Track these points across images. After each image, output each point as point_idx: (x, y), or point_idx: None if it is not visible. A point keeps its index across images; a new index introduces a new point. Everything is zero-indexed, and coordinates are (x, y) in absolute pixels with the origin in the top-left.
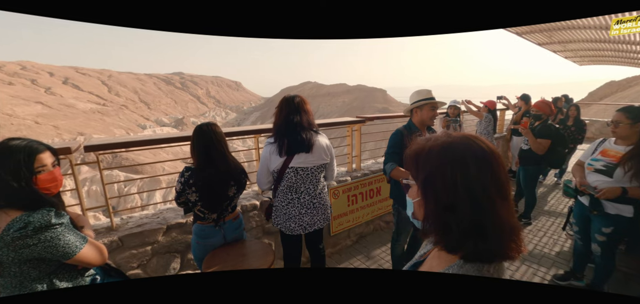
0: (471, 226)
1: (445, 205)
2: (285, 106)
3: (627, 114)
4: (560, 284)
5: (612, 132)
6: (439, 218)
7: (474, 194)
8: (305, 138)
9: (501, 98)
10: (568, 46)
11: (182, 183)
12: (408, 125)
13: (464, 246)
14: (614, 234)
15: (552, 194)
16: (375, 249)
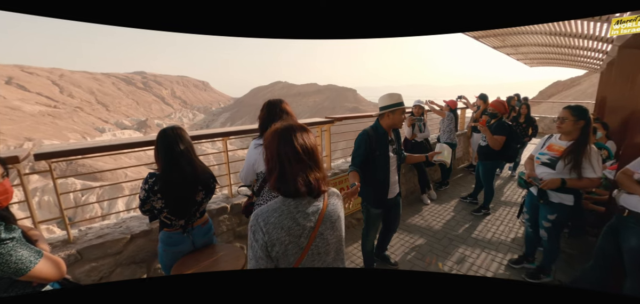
0: (280, 175)
1: (271, 165)
2: (270, 109)
3: (572, 111)
4: (515, 268)
5: (558, 127)
6: (270, 172)
7: (281, 158)
8: None
9: (461, 98)
10: (519, 49)
11: (146, 190)
12: (375, 126)
13: (279, 188)
14: (558, 221)
15: (507, 186)
16: (347, 246)
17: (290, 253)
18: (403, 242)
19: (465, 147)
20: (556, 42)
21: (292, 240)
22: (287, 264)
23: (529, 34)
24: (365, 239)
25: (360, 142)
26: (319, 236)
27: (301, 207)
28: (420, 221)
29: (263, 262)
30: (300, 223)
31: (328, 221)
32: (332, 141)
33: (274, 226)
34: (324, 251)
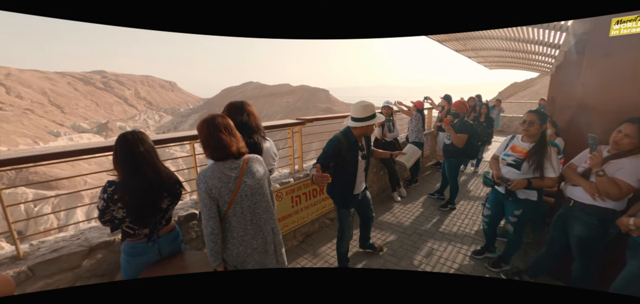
0: (211, 148)
1: (204, 143)
2: (232, 112)
3: (538, 116)
4: (478, 258)
5: (526, 130)
6: (205, 148)
7: (209, 136)
8: (256, 142)
9: (427, 98)
10: (479, 53)
11: (105, 199)
12: (346, 132)
13: (212, 156)
14: (524, 215)
15: (471, 181)
16: (321, 247)
17: (224, 194)
18: (375, 239)
19: (432, 145)
20: (513, 46)
21: (223, 186)
22: (224, 203)
23: (488, 39)
24: (340, 241)
25: (331, 145)
26: (243, 184)
27: (226, 165)
28: (392, 218)
29: (208, 201)
30: (226, 174)
31: (249, 173)
32: (305, 142)
33: (211, 177)
34: (250, 194)
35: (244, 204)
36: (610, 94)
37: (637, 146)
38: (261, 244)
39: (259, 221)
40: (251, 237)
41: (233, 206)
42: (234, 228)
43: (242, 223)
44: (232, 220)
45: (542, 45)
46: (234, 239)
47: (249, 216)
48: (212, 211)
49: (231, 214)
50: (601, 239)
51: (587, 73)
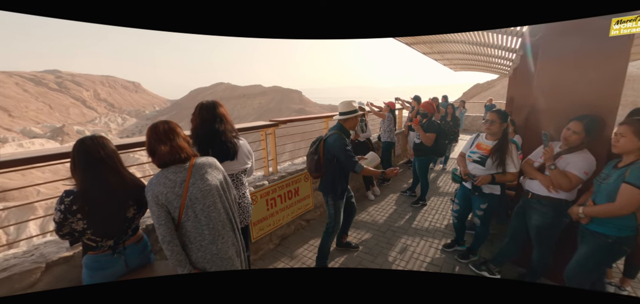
0: (156, 157)
1: (149, 152)
2: (204, 113)
3: (498, 115)
4: (448, 251)
5: (487, 129)
6: (151, 156)
7: (153, 146)
8: (230, 146)
9: (398, 99)
10: (445, 56)
11: (63, 211)
12: (344, 131)
13: (158, 164)
14: (489, 208)
15: (440, 178)
16: (298, 248)
17: (172, 200)
18: (350, 238)
19: (403, 144)
20: (475, 50)
21: (169, 191)
22: (174, 209)
23: (453, 43)
24: (331, 234)
25: (343, 143)
26: (192, 187)
27: (171, 170)
28: (366, 217)
29: (155, 209)
30: (171, 179)
31: (197, 176)
32: (279, 144)
33: (155, 184)
34: (201, 197)
35: (196, 208)
36: (559, 94)
37: (584, 142)
38: (222, 249)
39: (216, 225)
40: (209, 242)
41: (184, 210)
42: (190, 233)
43: (197, 228)
44: (187, 226)
45: (501, 50)
46: (191, 245)
47: (204, 220)
48: (161, 218)
49: (185, 220)
50: (556, 227)
51: (539, 75)
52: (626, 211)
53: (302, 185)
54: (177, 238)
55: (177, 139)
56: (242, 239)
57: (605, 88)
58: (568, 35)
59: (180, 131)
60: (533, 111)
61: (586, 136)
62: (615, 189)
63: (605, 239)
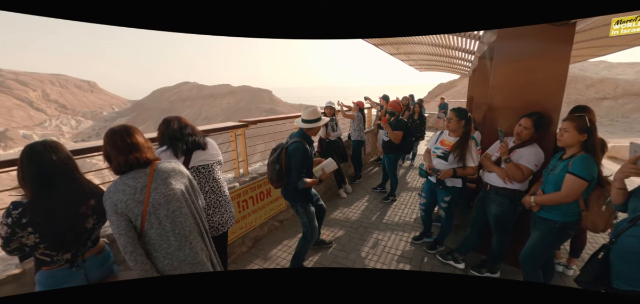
0: (113, 163)
1: (106, 159)
2: (169, 123)
3: (456, 113)
4: (417, 243)
5: (446, 126)
6: (108, 163)
7: (109, 153)
8: (198, 138)
9: (367, 98)
10: (411, 56)
11: (10, 224)
12: (306, 138)
13: (115, 171)
14: (452, 200)
15: (408, 174)
16: (272, 250)
17: (132, 207)
18: (325, 236)
19: (373, 142)
20: (439, 52)
21: (129, 198)
22: (135, 216)
23: (418, 44)
24: (308, 241)
25: (304, 157)
26: (154, 192)
27: (130, 176)
28: (339, 215)
29: (115, 219)
30: (130, 185)
31: (159, 180)
32: (249, 144)
33: (114, 192)
34: (164, 202)
35: (159, 214)
36: (512, 93)
37: (533, 136)
38: (190, 255)
39: (182, 230)
40: (176, 249)
41: (147, 217)
42: (155, 241)
43: (162, 235)
44: (151, 233)
45: (462, 51)
46: (157, 254)
47: (169, 226)
48: (121, 228)
49: (148, 228)
50: (512, 215)
51: (494, 76)
52: (570, 199)
53: None
54: (140, 247)
55: (136, 142)
56: (213, 244)
57: (550, 88)
58: (518, 39)
59: (140, 134)
60: (490, 109)
61: (535, 131)
62: (561, 179)
63: (554, 225)
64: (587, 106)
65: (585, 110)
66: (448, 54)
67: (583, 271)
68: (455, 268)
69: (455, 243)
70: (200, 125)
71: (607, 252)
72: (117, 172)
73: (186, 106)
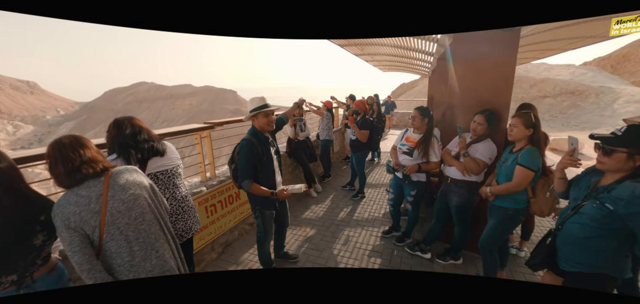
0: (59, 177)
1: (52, 174)
2: (120, 126)
3: (419, 111)
4: (387, 237)
5: (411, 124)
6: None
7: (57, 160)
8: (155, 143)
9: (333, 98)
10: (375, 57)
11: None
12: (253, 132)
13: (62, 185)
14: (417, 195)
15: (375, 171)
16: (243, 254)
17: (88, 218)
18: (297, 237)
19: (341, 141)
20: (401, 53)
21: (83, 209)
22: (92, 228)
23: (381, 46)
24: (262, 244)
25: (247, 154)
26: (111, 199)
27: (83, 187)
28: (310, 214)
29: (67, 235)
30: (84, 195)
31: (116, 187)
32: (215, 147)
33: (64, 205)
34: (125, 209)
35: (120, 223)
36: (466, 92)
37: (487, 132)
38: (158, 264)
39: (147, 238)
40: (141, 259)
41: (106, 228)
42: (116, 254)
43: (124, 246)
44: (111, 246)
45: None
46: (120, 268)
47: (132, 235)
48: (74, 244)
49: (108, 240)
50: (471, 205)
51: (451, 76)
52: (521, 188)
53: None
54: (98, 263)
55: (87, 151)
56: (181, 251)
57: (500, 87)
58: (471, 42)
59: (90, 142)
60: (448, 107)
61: (488, 126)
62: (512, 170)
63: (506, 212)
64: (531, 103)
65: (530, 107)
66: (409, 56)
67: (533, 254)
68: (422, 258)
69: (421, 234)
70: (160, 128)
71: (554, 237)
72: (66, 186)
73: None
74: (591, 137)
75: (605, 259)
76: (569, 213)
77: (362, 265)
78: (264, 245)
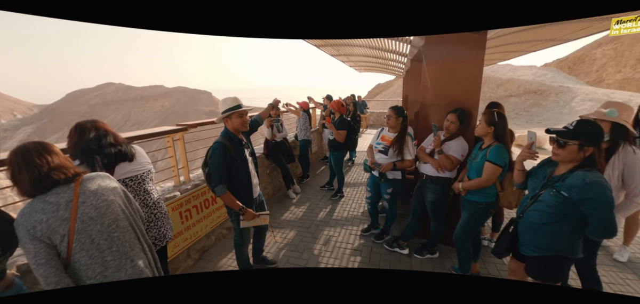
0: (28, 179)
1: (14, 182)
2: (81, 127)
3: (394, 110)
4: (366, 235)
5: (387, 123)
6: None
7: (22, 168)
8: (123, 147)
9: (310, 99)
10: (351, 58)
11: None
12: (226, 134)
13: (29, 192)
14: (394, 192)
15: (352, 170)
16: (221, 259)
17: (55, 226)
18: (276, 238)
19: (319, 142)
20: (376, 54)
21: (51, 216)
22: (60, 237)
23: (357, 46)
24: (239, 248)
25: (220, 157)
26: (82, 205)
27: (52, 193)
28: (290, 216)
29: (31, 247)
30: (52, 201)
31: (87, 192)
32: (190, 149)
33: (30, 213)
34: (97, 216)
35: (91, 231)
36: (439, 92)
37: (459, 130)
38: (133, 275)
39: (121, 247)
40: (115, 270)
41: (76, 237)
42: (87, 265)
43: (96, 256)
44: (81, 257)
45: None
46: (91, 281)
47: (104, 243)
48: (40, 256)
49: (78, 250)
50: (445, 200)
51: (424, 77)
52: (490, 182)
53: None
54: (66, 277)
55: (55, 157)
56: (156, 259)
57: (469, 87)
58: (442, 44)
59: (56, 147)
60: (422, 107)
61: (460, 124)
62: (481, 166)
63: (478, 206)
64: (498, 102)
65: (497, 106)
66: (385, 57)
67: (497, 243)
68: (400, 254)
69: (399, 231)
70: (130, 131)
71: (516, 225)
72: (32, 194)
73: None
74: (547, 131)
75: (562, 242)
76: (528, 202)
77: (343, 264)
78: (242, 250)
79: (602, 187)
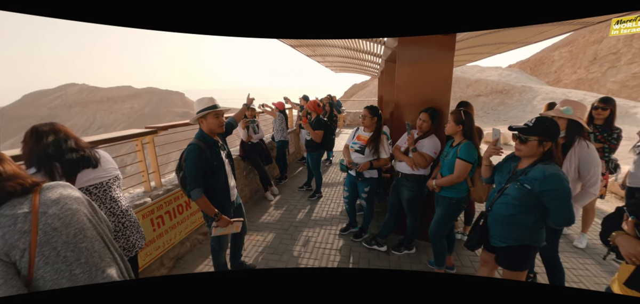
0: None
1: None
2: (39, 134)
3: (369, 110)
4: (345, 234)
5: (362, 122)
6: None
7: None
8: (86, 153)
9: (286, 100)
10: (326, 58)
11: None
12: (201, 136)
13: None
14: (371, 191)
15: (330, 170)
16: (197, 266)
17: (13, 240)
18: (255, 242)
19: (296, 142)
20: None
21: (8, 229)
22: (20, 253)
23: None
24: (217, 254)
25: (195, 159)
26: (43, 216)
27: (6, 206)
28: (268, 218)
29: None
30: (8, 214)
31: (48, 202)
32: (161, 153)
33: None
34: (61, 226)
35: (56, 243)
36: (412, 92)
37: (431, 128)
38: None
39: (90, 258)
40: (86, 282)
41: (38, 250)
42: (52, 281)
43: (62, 270)
44: (46, 273)
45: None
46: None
47: (71, 255)
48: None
49: (41, 264)
50: (420, 197)
51: (398, 77)
52: (461, 179)
53: None
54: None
55: (7, 165)
56: (129, 270)
57: (440, 87)
58: (414, 46)
59: (7, 155)
60: (396, 106)
61: (432, 123)
62: (453, 163)
63: (451, 201)
64: (468, 101)
65: (466, 105)
66: (360, 57)
67: (469, 236)
68: (379, 251)
69: (377, 228)
70: (95, 134)
71: (485, 218)
72: None
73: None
74: (510, 129)
75: (527, 232)
76: (495, 196)
77: (322, 264)
78: (220, 255)
79: (560, 179)
